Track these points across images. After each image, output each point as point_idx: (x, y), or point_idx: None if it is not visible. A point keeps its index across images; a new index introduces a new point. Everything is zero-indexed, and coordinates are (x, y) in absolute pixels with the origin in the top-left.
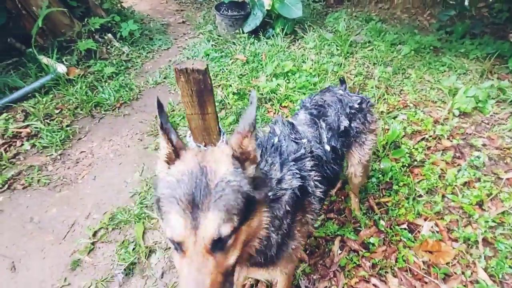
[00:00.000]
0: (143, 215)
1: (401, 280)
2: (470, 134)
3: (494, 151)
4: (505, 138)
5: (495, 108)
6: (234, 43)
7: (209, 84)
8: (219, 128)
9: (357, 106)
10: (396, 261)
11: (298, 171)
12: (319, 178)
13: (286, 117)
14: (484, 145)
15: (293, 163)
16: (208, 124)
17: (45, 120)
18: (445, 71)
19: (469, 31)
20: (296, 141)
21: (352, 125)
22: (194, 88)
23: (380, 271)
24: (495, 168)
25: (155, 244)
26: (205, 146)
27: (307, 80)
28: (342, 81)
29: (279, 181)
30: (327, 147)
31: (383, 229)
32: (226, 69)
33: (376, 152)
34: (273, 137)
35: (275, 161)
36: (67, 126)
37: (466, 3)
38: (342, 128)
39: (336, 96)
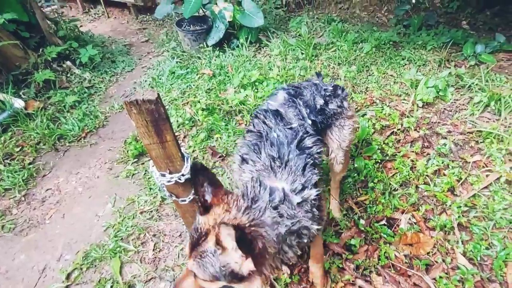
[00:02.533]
0: (118, 248)
1: (385, 277)
2: (435, 123)
3: (458, 137)
4: (467, 123)
5: (455, 95)
6: (199, 58)
7: (163, 113)
8: (182, 153)
9: (331, 88)
10: (379, 259)
11: (307, 152)
12: (320, 150)
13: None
14: (449, 132)
15: (300, 147)
16: (169, 151)
17: (5, 161)
18: (405, 64)
19: (425, 22)
20: (290, 127)
21: (330, 107)
22: (148, 119)
23: (364, 272)
24: (462, 153)
25: (134, 278)
26: (170, 173)
27: (275, 88)
28: (319, 74)
29: (305, 182)
30: (309, 121)
31: (363, 228)
32: (193, 85)
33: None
34: (271, 131)
35: (296, 161)
36: (29, 164)
37: (413, 1)
38: (318, 106)
39: (312, 82)
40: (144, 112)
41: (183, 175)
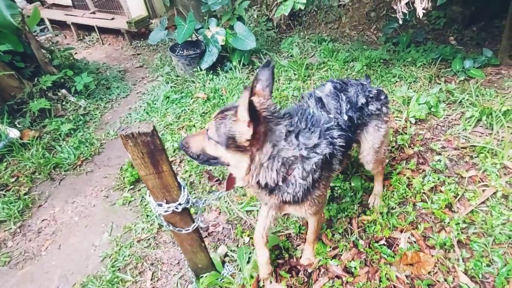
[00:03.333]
0: (116, 279)
1: None
2: (428, 139)
3: (453, 152)
4: (460, 138)
5: (447, 111)
6: (193, 82)
7: (159, 144)
8: (178, 183)
9: (375, 91)
10: (380, 281)
11: (330, 139)
12: (343, 143)
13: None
14: (443, 147)
15: (327, 132)
16: (165, 181)
17: (0, 192)
18: (396, 81)
19: (413, 39)
20: (327, 113)
21: (369, 107)
22: (144, 150)
23: None
24: (457, 168)
25: None
26: (167, 203)
27: None
28: (367, 77)
29: (315, 146)
30: (345, 117)
31: (362, 249)
32: (188, 109)
33: (346, 171)
34: (308, 108)
35: (316, 129)
36: (25, 194)
37: (400, 21)
38: (359, 104)
39: (360, 82)
40: (140, 145)
41: (180, 204)
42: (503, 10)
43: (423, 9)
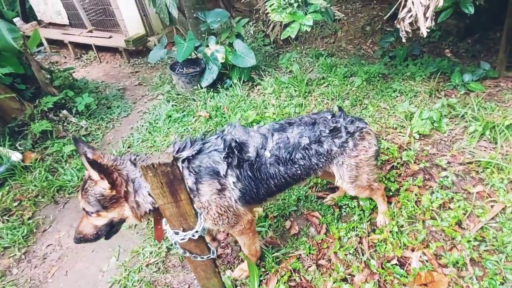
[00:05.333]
0: None
1: None
2: (433, 154)
3: (458, 168)
4: (465, 153)
5: (450, 125)
6: (194, 100)
7: (178, 174)
8: (195, 210)
9: (327, 132)
10: None
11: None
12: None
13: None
14: (448, 163)
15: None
16: (183, 210)
17: (3, 217)
18: (397, 96)
19: (410, 53)
20: (223, 137)
21: (324, 146)
22: (163, 180)
23: None
24: (464, 184)
25: None
26: (183, 231)
27: None
28: (340, 109)
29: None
30: (267, 153)
31: (375, 270)
32: (191, 128)
33: None
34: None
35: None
36: (28, 219)
37: (404, 40)
38: (302, 144)
39: (315, 120)
40: (159, 175)
41: (196, 231)
42: (496, 22)
43: (427, 28)
